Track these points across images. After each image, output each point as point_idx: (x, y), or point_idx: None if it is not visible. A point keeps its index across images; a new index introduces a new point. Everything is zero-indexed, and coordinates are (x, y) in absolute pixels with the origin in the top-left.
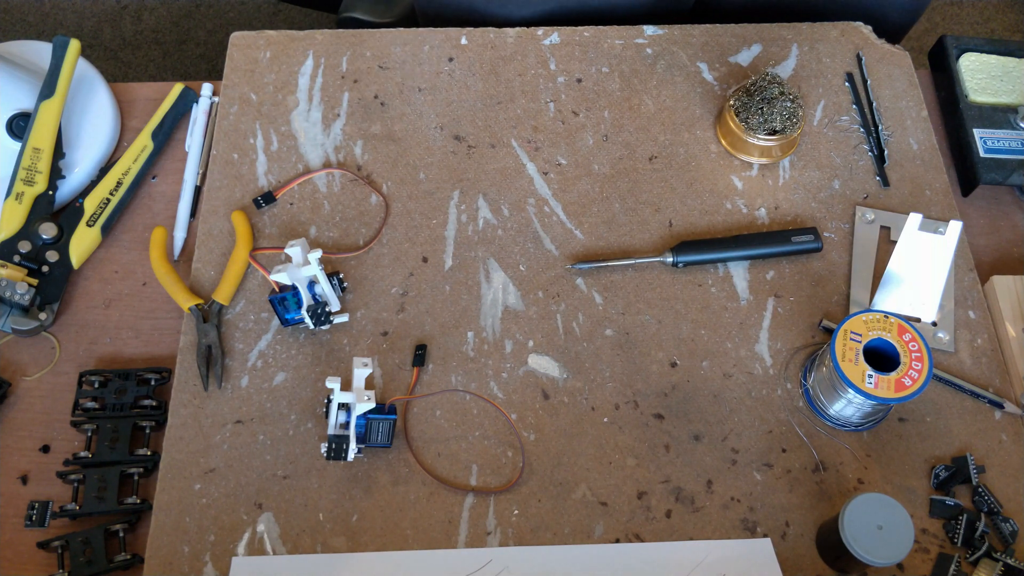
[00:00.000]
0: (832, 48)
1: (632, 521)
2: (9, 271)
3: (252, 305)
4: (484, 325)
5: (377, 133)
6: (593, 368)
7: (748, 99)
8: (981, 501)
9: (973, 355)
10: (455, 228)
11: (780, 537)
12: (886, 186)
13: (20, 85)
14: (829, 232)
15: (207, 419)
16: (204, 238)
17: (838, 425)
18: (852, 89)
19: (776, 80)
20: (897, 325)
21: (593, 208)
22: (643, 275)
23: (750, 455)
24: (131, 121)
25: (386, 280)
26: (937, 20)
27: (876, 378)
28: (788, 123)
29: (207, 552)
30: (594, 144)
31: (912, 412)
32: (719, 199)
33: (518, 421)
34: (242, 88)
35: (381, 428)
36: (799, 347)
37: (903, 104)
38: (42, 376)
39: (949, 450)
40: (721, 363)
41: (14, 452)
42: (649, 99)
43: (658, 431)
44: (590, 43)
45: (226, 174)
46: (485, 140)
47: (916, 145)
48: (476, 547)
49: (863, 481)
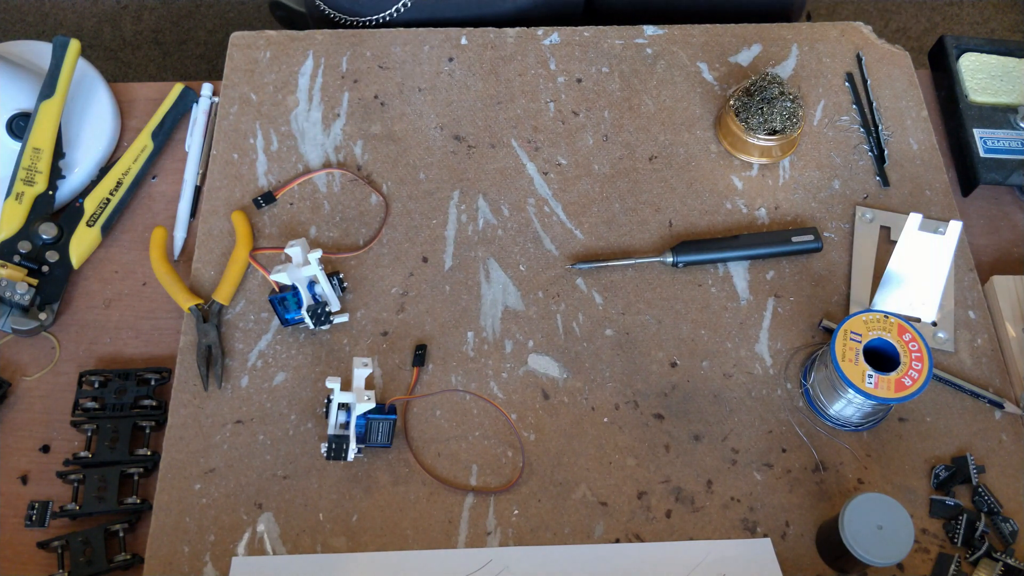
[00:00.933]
0: (832, 48)
1: (632, 521)
2: (9, 271)
3: (252, 305)
4: (484, 325)
5: (377, 133)
6: (593, 368)
7: (748, 99)
8: (981, 501)
9: (973, 355)
10: (455, 228)
11: (780, 537)
12: (886, 186)
13: (20, 85)
14: (829, 232)
15: (207, 419)
16: (204, 238)
17: (838, 425)
18: (852, 89)
19: (776, 80)
20: (897, 325)
21: (593, 208)
22: (643, 275)
23: (750, 455)
24: (131, 121)
25: (386, 280)
26: (937, 20)
27: (876, 378)
28: (788, 123)
29: (207, 552)
30: (594, 144)
31: (912, 412)
32: (719, 199)
33: (518, 421)
34: (242, 88)
35: (381, 428)
36: (799, 347)
37: (903, 104)
38: (42, 376)
39: (949, 450)
40: (721, 363)
41: (14, 452)
42: (649, 99)
43: (658, 431)
44: (590, 43)
45: (226, 174)
46: (485, 140)
47: (916, 145)
48: (476, 547)
49: (863, 481)
